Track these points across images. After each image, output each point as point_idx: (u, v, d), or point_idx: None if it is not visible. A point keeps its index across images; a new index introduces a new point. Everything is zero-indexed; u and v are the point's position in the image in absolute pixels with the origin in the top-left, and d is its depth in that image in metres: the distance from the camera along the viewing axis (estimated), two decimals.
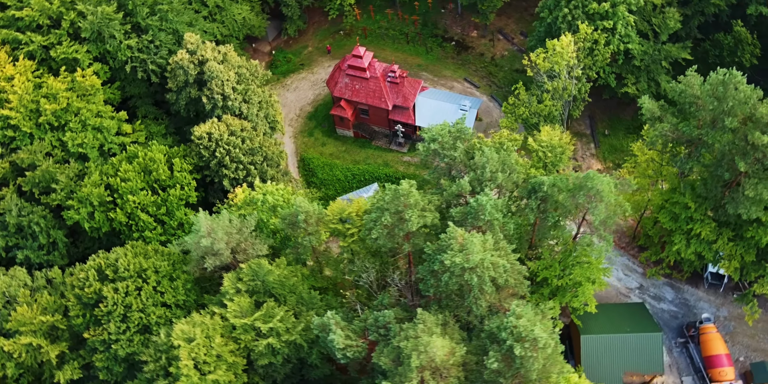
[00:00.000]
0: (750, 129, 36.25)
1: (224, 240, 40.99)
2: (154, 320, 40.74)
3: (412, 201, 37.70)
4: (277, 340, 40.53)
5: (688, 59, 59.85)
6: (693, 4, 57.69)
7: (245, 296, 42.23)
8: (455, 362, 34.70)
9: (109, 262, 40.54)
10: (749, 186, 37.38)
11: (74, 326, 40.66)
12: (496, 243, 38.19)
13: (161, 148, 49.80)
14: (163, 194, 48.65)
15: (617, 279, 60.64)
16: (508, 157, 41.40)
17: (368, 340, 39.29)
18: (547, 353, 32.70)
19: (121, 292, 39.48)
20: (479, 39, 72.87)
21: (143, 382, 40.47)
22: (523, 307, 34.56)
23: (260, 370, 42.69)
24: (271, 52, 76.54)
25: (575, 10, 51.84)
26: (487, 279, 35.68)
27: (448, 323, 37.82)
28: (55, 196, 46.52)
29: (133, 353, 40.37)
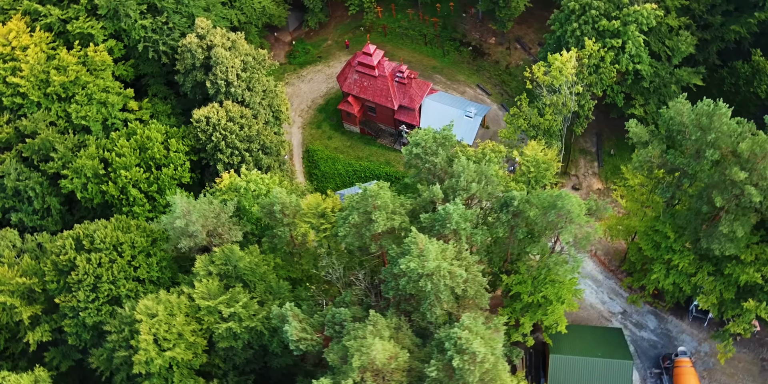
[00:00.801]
0: (730, 163, 35.32)
1: (200, 223, 42.13)
2: (124, 293, 42.27)
3: (380, 202, 38.06)
4: (237, 324, 41.56)
5: (703, 85, 58.34)
6: (713, 29, 56.12)
7: (215, 279, 43.35)
8: (398, 367, 35.06)
9: (87, 233, 42.22)
10: (725, 222, 36.48)
11: (49, 291, 42.55)
12: (459, 253, 38.28)
13: (159, 128, 51.28)
14: (156, 172, 50.17)
15: (601, 302, 59.85)
16: (486, 168, 41.30)
17: (324, 335, 39.96)
18: (485, 368, 32.76)
19: (94, 263, 41.11)
20: (496, 46, 72.33)
21: (107, 351, 42.11)
22: (473, 319, 34.63)
23: (221, 352, 43.84)
24: (292, 42, 77.53)
25: (585, 26, 51.05)
26: (442, 287, 35.85)
27: (401, 327, 38.17)
28: (52, 165, 48.55)
29: (100, 322, 42.02)
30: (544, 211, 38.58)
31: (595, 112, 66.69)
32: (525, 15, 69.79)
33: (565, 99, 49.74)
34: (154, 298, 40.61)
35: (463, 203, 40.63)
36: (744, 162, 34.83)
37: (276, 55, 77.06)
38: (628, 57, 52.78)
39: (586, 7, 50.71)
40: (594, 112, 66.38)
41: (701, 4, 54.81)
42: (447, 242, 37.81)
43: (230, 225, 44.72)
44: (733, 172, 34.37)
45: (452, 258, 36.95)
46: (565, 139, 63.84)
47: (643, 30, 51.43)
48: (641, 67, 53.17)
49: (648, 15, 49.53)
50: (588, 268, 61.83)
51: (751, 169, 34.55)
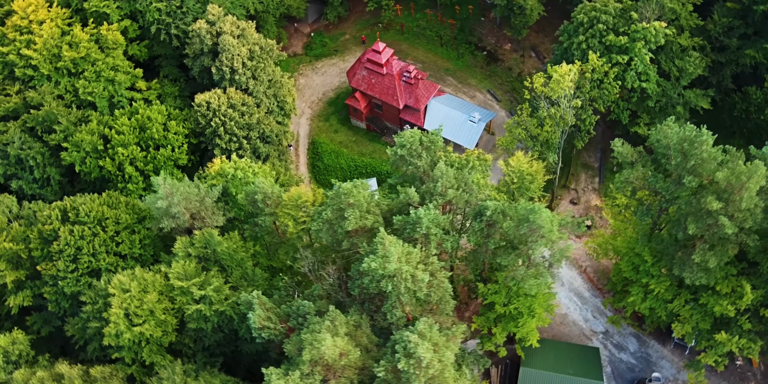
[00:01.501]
0: (707, 192, 34.57)
1: (183, 205, 43.22)
2: (104, 266, 43.73)
3: (352, 200, 38.46)
4: (207, 307, 42.61)
5: (713, 109, 56.91)
6: (728, 52, 54.62)
7: (193, 261, 44.47)
8: (349, 364, 35.55)
9: (74, 205, 43.74)
10: (699, 251, 35.77)
11: (34, 258, 44.28)
12: (427, 257, 38.45)
13: (161, 109, 52.57)
14: (153, 152, 51.54)
15: (585, 319, 59.26)
16: (467, 175, 41.28)
17: (288, 325, 40.69)
18: (430, 373, 32.99)
19: (76, 235, 42.61)
20: (511, 53, 71.71)
21: (82, 320, 43.70)
22: (428, 325, 34.85)
23: (191, 332, 45.01)
24: (310, 34, 78.20)
25: (592, 40, 50.31)
26: (403, 290, 36.13)
27: (361, 326, 38.61)
28: (54, 137, 50.34)
29: (78, 292, 43.58)
30: (517, 223, 38.44)
31: (601, 127, 65.80)
32: (543, 24, 68.99)
33: (564, 112, 49.18)
34: (129, 274, 41.92)
35: (438, 208, 40.79)
36: (721, 192, 34.06)
37: (293, 45, 77.90)
38: (635, 74, 51.84)
39: (595, 21, 49.96)
40: (599, 127, 65.53)
41: (718, 26, 53.41)
42: (417, 246, 37.99)
43: (214, 210, 45.74)
44: (708, 201, 33.66)
45: (418, 262, 37.17)
46: (567, 152, 63.20)
47: (651, 48, 50.39)
48: (647, 85, 52.17)
49: (656, 33, 48.53)
50: (576, 284, 61.23)
51: (727, 199, 33.77)
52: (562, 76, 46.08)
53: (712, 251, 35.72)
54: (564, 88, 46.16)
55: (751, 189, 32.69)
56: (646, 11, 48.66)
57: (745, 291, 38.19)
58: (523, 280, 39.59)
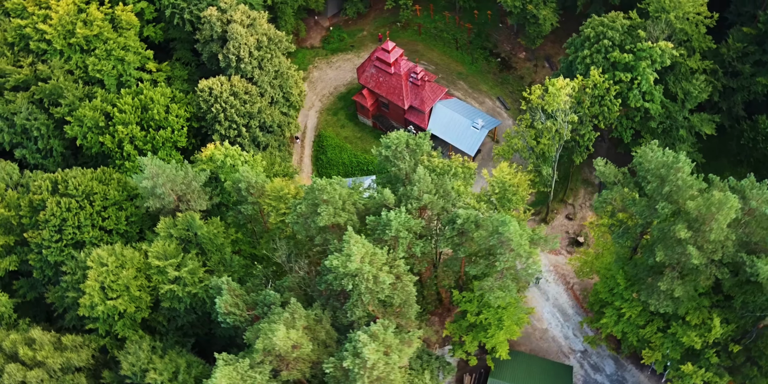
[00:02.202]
0: (679, 220, 33.88)
1: (168, 186, 44.31)
2: (87, 239, 45.19)
3: (326, 197, 38.91)
4: (180, 288, 43.68)
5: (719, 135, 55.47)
6: (741, 78, 53.08)
7: (174, 242, 45.57)
8: (302, 356, 36.11)
9: (65, 178, 45.25)
10: (667, 279, 35.14)
11: (23, 225, 46.02)
12: (393, 260, 38.67)
13: (164, 91, 53.80)
14: (152, 133, 52.85)
15: (565, 337, 58.70)
16: (446, 182, 41.29)
17: (253, 313, 41.47)
18: (375, 375, 33.29)
19: (63, 207, 44.11)
20: (525, 61, 71.02)
21: (61, 289, 45.30)
22: (383, 327, 35.14)
23: (164, 311, 46.22)
24: (329, 28, 78.72)
25: (596, 55, 49.55)
26: (363, 289, 36.47)
27: (321, 320, 39.11)
28: (60, 110, 52.08)
29: (61, 262, 45.16)
30: (489, 234, 38.34)
31: (606, 143, 64.70)
32: (560, 34, 68.08)
33: (560, 126, 48.63)
34: (109, 249, 43.25)
35: (415, 212, 40.94)
36: (692, 221, 33.35)
37: (312, 38, 78.56)
38: (639, 93, 50.86)
39: (601, 36, 49.19)
40: (604, 143, 64.45)
41: (732, 50, 51.99)
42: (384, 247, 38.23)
43: (200, 193, 46.74)
44: (677, 229, 33.01)
45: (382, 263, 37.43)
46: (566, 166, 62.41)
47: (657, 68, 49.35)
48: (650, 106, 51.15)
49: (662, 53, 47.51)
50: (561, 300, 60.68)
51: (698, 229, 33.06)
52: (558, 90, 45.55)
53: (681, 280, 35.05)
54: (559, 102, 45.62)
55: (720, 221, 31.95)
56: (654, 30, 47.68)
57: (713, 324, 37.37)
58: (489, 291, 39.49)
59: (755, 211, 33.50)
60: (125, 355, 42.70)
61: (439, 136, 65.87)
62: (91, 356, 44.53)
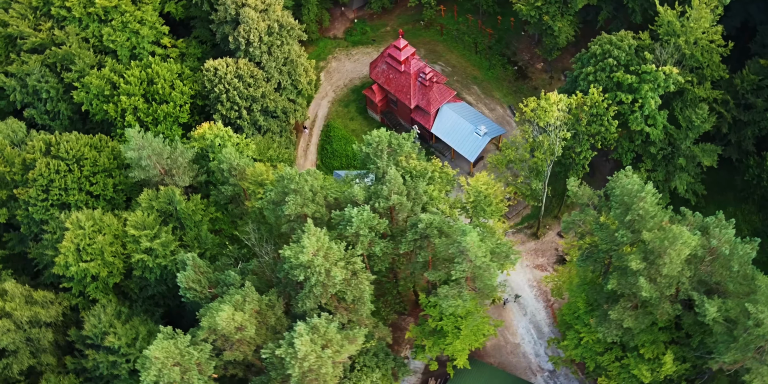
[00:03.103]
0: (636, 250, 33.03)
1: (153, 159, 45.61)
2: (73, 201, 47.00)
3: (294, 187, 39.41)
4: (151, 259, 45.06)
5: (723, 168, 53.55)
6: (754, 111, 51.04)
7: (154, 214, 46.97)
8: (245, 339, 36.88)
9: (58, 140, 47.11)
10: (618, 308, 34.40)
11: (15, 181, 48.20)
12: (352, 256, 38.94)
13: (171, 67, 55.17)
14: (155, 106, 54.37)
15: (536, 354, 58.06)
16: (419, 185, 41.23)
17: (213, 291, 42.50)
18: (305, 366, 33.77)
19: (51, 168, 45.96)
20: (541, 72, 69.85)
21: (42, 247, 47.31)
22: (326, 321, 35.58)
23: (136, 279, 47.77)
24: (354, 20, 79.00)
25: (600, 73, 48.41)
26: (314, 281, 36.91)
27: (274, 307, 39.79)
28: (69, 75, 54.08)
29: (46, 221, 47.13)
30: (450, 242, 38.23)
31: (609, 164, 63.17)
32: (580, 48, 66.35)
33: (551, 141, 47.84)
34: (89, 213, 44.89)
35: (383, 212, 41.08)
36: (648, 252, 32.47)
37: (335, 28, 79.01)
38: (641, 116, 49.49)
39: (607, 54, 48.03)
40: (609, 163, 62.92)
41: (746, 82, 49.99)
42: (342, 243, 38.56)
43: (186, 170, 47.96)
44: (630, 259, 32.24)
45: (338, 259, 37.77)
46: (563, 183, 61.21)
47: (660, 93, 47.87)
48: (651, 130, 49.74)
49: (666, 78, 46.07)
50: (539, 317, 59.95)
51: (653, 262, 32.19)
52: (550, 105, 44.78)
53: (633, 311, 34.25)
54: (550, 117, 44.87)
55: (673, 256, 31.02)
56: (661, 53, 46.26)
57: (665, 360, 36.43)
58: (444, 299, 39.44)
59: (717, 251, 32.41)
60: (89, 317, 44.38)
61: (441, 138, 65.63)
62: (61, 313, 46.44)
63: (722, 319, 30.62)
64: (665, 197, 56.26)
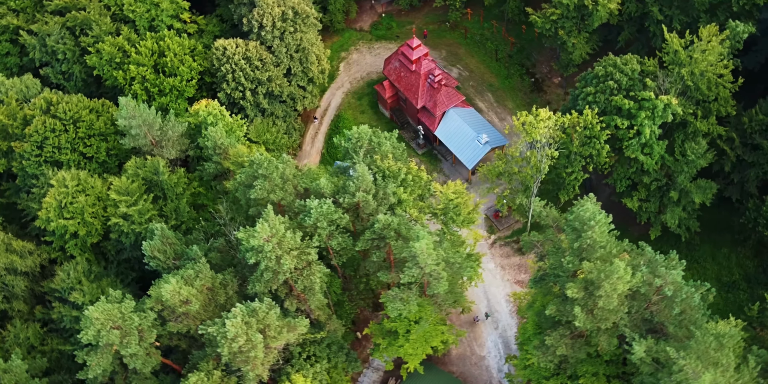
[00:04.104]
0: (577, 280, 32.30)
1: (143, 129, 47.06)
2: (65, 160, 49.00)
3: (262, 172, 40.08)
4: (127, 224, 46.65)
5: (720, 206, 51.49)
6: (760, 152, 48.79)
7: (139, 181, 48.53)
8: (189, 312, 37.92)
9: (58, 100, 49.11)
10: (555, 334, 33.82)
11: (15, 134, 50.55)
12: (307, 247, 39.40)
13: (183, 43, 56.53)
14: (162, 77, 55.91)
15: (498, 370, 57.71)
16: (388, 185, 41.29)
17: (176, 263, 43.76)
18: (235, 347, 34.55)
19: (48, 126, 47.98)
20: (557, 87, 68.44)
21: (30, 200, 49.58)
22: (267, 306, 36.23)
23: (113, 242, 49.54)
24: (381, 15, 79.02)
25: (600, 95, 47.17)
26: (263, 266, 37.59)
27: (227, 285, 40.70)
28: (86, 39, 56.10)
29: (37, 175, 49.34)
30: (405, 245, 38.26)
31: (608, 189, 61.53)
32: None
33: (538, 158, 47.03)
34: (74, 173, 46.76)
35: (350, 208, 41.35)
36: (589, 283, 31.73)
37: (362, 20, 79.20)
38: (637, 144, 48.02)
39: (608, 76, 46.76)
40: (606, 188, 61.27)
41: (754, 122, 47.84)
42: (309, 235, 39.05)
43: (174, 143, 49.30)
44: (567, 287, 31.61)
45: (291, 247, 38.29)
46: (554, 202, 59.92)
47: (657, 122, 46.32)
48: (645, 159, 48.25)
49: (664, 107, 44.55)
50: (509, 332, 59.40)
51: (591, 293, 31.46)
52: (538, 121, 44.00)
53: (571, 340, 33.65)
54: (536, 134, 44.11)
55: (607, 289, 30.24)
56: (664, 82, 44.72)
57: None
58: (390, 301, 39.56)
59: (661, 290, 31.40)
60: (60, 271, 46.37)
61: (443, 142, 65.29)
62: (38, 265, 48.64)
63: (650, 360, 29.72)
64: (656, 230, 54.64)
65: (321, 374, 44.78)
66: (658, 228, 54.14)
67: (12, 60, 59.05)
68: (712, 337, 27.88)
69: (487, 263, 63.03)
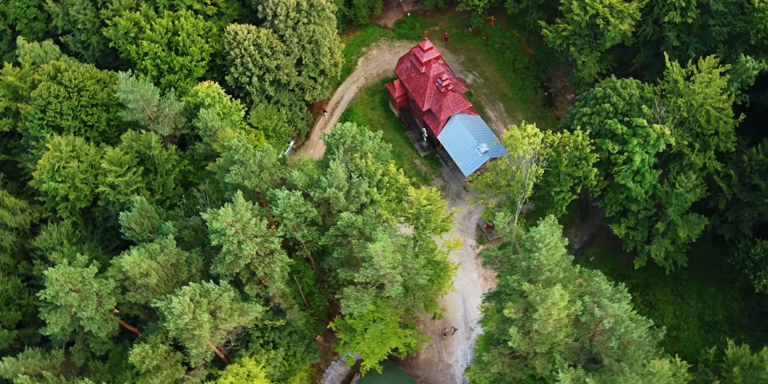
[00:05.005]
0: (519, 300, 31.95)
1: (141, 104, 48.47)
2: (66, 125, 50.91)
3: (237, 157, 40.87)
4: (113, 193, 48.25)
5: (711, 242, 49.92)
6: (756, 193, 47.00)
7: (133, 154, 50.08)
8: (148, 284, 39.15)
9: (65, 68, 51.02)
10: (494, 351, 33.62)
11: (23, 96, 52.77)
12: (271, 235, 40.03)
13: (198, 24, 57.79)
14: (173, 55, 57.34)
15: (463, 381, 57.51)
16: (362, 185, 41.55)
17: (151, 236, 45.10)
18: (180, 324, 35.54)
19: (52, 92, 49.93)
20: (568, 104, 67.27)
21: (27, 160, 51.81)
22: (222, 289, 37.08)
23: (100, 208, 51.32)
24: (407, 13, 78.93)
25: (594, 116, 46.26)
26: (224, 249, 38.44)
27: (192, 263, 41.76)
28: (105, 12, 57.91)
29: (38, 137, 51.44)
30: (363, 245, 38.55)
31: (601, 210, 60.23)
32: None
33: (522, 175, 46.48)
34: (70, 139, 48.56)
35: (318, 201, 41.80)
36: (528, 305, 31.37)
37: (387, 17, 79.27)
38: (629, 170, 46.90)
39: (606, 99, 45.78)
40: (600, 213, 59.94)
41: (754, 161, 46.14)
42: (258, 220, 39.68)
43: (170, 120, 50.61)
44: (506, 306, 31.36)
45: (254, 234, 39.01)
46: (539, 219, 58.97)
47: (649, 150, 45.17)
48: (634, 187, 47.11)
49: (657, 136, 43.39)
50: None
51: (529, 316, 31.09)
52: (522, 137, 43.48)
53: (510, 360, 33.43)
54: (519, 150, 43.61)
55: (541, 312, 29.85)
56: (659, 109, 43.54)
57: None
58: (345, 298, 39.95)
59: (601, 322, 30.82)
60: (44, 231, 48.35)
61: (444, 146, 65.06)
62: (29, 222, 50.80)
63: None
64: (640, 260, 53.41)
65: (276, 361, 45.55)
66: (644, 258, 52.93)
67: (38, 25, 61.45)
68: (638, 376, 27.29)
69: (471, 273, 62.71)
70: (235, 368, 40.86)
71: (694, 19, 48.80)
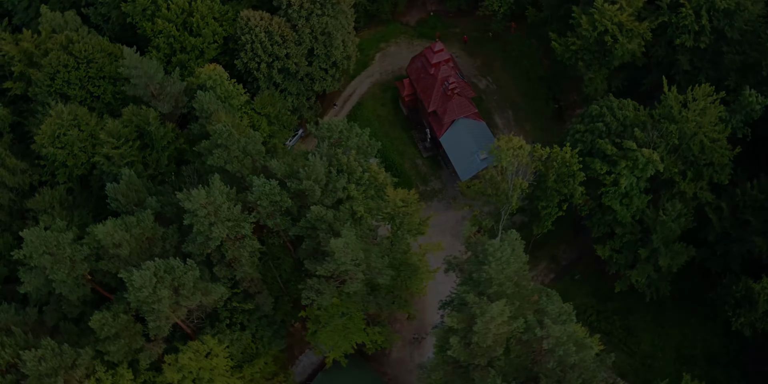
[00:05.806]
0: (465, 311, 31.94)
1: (143, 80, 49.75)
2: (72, 94, 52.63)
3: (220, 141, 41.71)
4: (107, 163, 49.79)
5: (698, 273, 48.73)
6: (746, 230, 45.54)
7: (132, 127, 51.48)
8: (120, 256, 40.45)
9: (76, 39, 52.66)
10: (435, 360, 33.77)
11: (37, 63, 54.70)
12: (243, 220, 40.79)
13: (214, 7, 58.79)
14: (186, 35, 58.52)
15: None
16: (340, 180, 41.90)
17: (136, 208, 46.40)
18: (140, 296, 36.67)
19: (61, 61, 51.59)
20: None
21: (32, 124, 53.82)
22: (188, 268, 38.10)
23: (96, 176, 53.03)
24: (430, 13, 78.65)
25: (587, 134, 45.55)
26: (195, 230, 39.41)
27: (166, 240, 42.86)
28: None
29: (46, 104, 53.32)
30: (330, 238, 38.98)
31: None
32: None
33: (506, 185, 46.17)
34: (73, 108, 50.20)
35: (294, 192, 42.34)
36: (471, 317, 31.32)
37: (410, 15, 79.12)
38: (615, 193, 46.09)
39: (600, 118, 45.02)
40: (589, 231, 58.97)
41: (747, 196, 44.80)
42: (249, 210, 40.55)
43: (170, 98, 51.80)
44: (449, 316, 31.43)
45: (225, 218, 39.81)
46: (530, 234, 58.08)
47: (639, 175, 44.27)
48: (619, 209, 46.30)
49: (645, 161, 42.51)
50: None
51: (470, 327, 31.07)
52: (507, 149, 43.16)
53: (452, 369, 33.55)
54: (503, 161, 43.31)
55: (480, 325, 29.82)
56: (652, 134, 42.61)
57: None
58: (306, 289, 40.55)
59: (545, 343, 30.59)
60: (39, 193, 50.24)
61: (445, 149, 64.94)
62: (28, 184, 52.81)
63: None
64: (622, 283, 52.54)
65: (241, 342, 46.52)
66: (626, 282, 52.07)
67: None
68: None
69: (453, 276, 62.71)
70: (195, 345, 41.92)
71: (708, 45, 47.48)
